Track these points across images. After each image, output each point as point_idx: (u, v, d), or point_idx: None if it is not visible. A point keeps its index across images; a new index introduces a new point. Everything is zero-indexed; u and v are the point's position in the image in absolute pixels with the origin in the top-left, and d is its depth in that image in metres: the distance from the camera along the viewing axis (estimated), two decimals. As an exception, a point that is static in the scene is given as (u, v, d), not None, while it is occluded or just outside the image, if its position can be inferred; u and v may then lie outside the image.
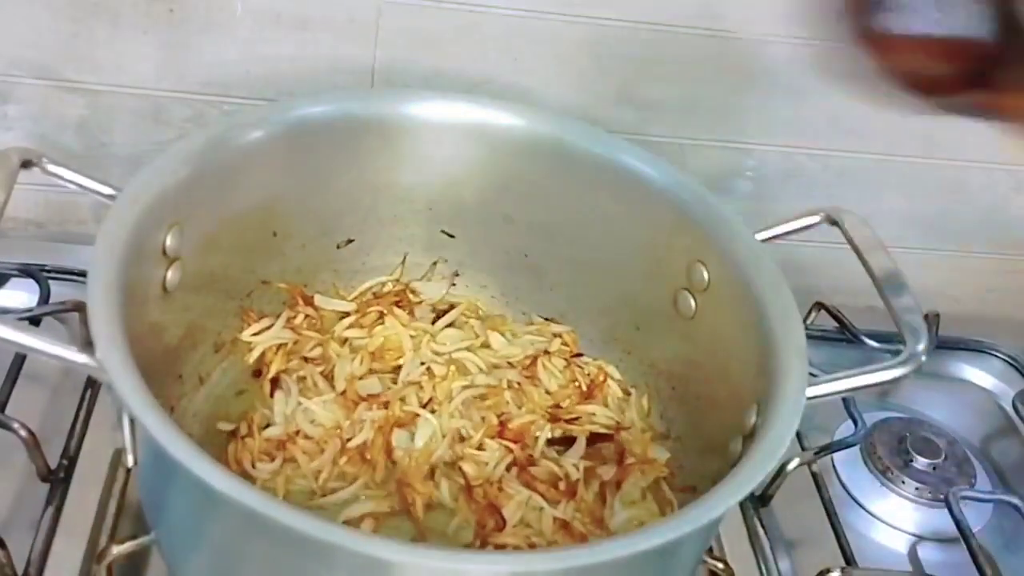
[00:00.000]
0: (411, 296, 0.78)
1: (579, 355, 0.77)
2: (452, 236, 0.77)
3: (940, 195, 0.91)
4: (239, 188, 0.66)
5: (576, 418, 0.72)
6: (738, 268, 0.64)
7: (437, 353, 0.74)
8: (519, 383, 0.73)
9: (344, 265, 0.76)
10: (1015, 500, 0.76)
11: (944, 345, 0.89)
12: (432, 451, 0.67)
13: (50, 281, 0.76)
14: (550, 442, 0.69)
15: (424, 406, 0.70)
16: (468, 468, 0.66)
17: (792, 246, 0.69)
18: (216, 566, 0.54)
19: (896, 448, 0.79)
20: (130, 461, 0.57)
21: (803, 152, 0.87)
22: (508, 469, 0.67)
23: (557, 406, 0.72)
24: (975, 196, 0.91)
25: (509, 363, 0.75)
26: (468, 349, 0.75)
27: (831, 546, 0.71)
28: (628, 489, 0.67)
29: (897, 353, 0.59)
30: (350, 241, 0.75)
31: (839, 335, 0.86)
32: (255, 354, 0.71)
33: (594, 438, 0.70)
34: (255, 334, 0.72)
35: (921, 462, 0.78)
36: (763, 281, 0.62)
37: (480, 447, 0.68)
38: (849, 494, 0.77)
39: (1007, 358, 0.91)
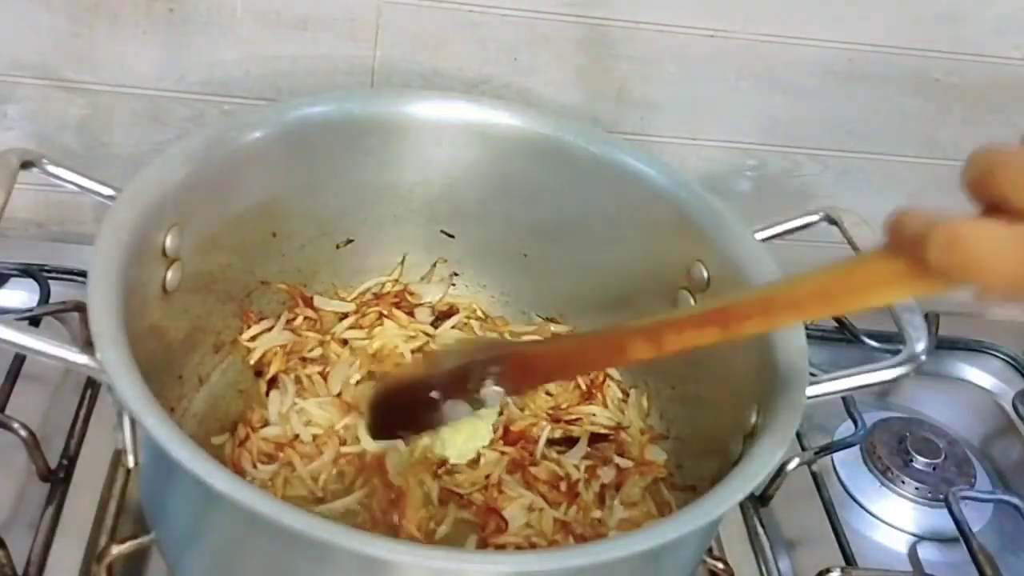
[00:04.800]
0: (410, 298, 0.77)
1: (579, 355, 0.77)
2: (452, 236, 0.77)
3: (940, 195, 0.91)
4: (239, 188, 0.66)
5: (576, 419, 0.72)
6: (738, 268, 0.64)
7: (437, 354, 0.74)
8: (519, 384, 0.73)
9: (344, 265, 0.76)
10: (1015, 500, 0.76)
11: (944, 345, 0.89)
12: (424, 458, 0.67)
13: (50, 281, 0.76)
14: (551, 442, 0.69)
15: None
16: (460, 479, 0.66)
17: (792, 246, 0.68)
18: (216, 566, 0.54)
19: (896, 448, 0.79)
20: (130, 461, 0.57)
21: (803, 152, 0.87)
22: (510, 473, 0.67)
23: (557, 407, 0.72)
24: (975, 196, 0.91)
25: (509, 364, 0.75)
26: (468, 350, 0.75)
27: (831, 546, 0.71)
28: (627, 490, 0.67)
29: (897, 353, 0.59)
30: (350, 241, 0.75)
31: (839, 335, 0.86)
32: (255, 355, 0.71)
33: (594, 438, 0.70)
34: (254, 336, 0.71)
35: (921, 462, 0.78)
36: (763, 281, 0.62)
37: (476, 461, 0.67)
38: (849, 494, 0.77)
39: (1007, 358, 0.91)
